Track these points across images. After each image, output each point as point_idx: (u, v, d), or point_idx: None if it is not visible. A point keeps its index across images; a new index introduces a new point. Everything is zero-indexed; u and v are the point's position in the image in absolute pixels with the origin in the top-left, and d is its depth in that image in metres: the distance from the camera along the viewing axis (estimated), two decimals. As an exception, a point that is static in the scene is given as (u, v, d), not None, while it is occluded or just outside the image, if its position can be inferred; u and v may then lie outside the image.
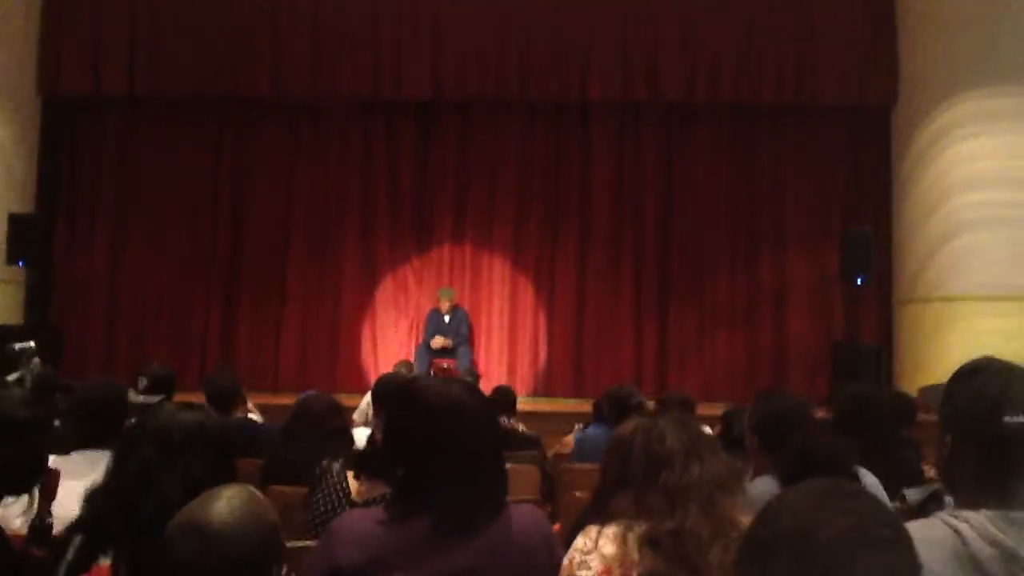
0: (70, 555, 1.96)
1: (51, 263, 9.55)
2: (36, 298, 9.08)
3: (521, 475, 4.25)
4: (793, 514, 1.06)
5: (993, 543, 1.47)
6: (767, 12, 9.47)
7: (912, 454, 3.62)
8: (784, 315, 9.86)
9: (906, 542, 1.05)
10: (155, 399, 4.31)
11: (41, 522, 2.23)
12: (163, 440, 1.95)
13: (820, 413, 3.67)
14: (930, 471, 3.22)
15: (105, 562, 1.88)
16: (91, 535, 1.96)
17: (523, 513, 1.95)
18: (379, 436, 3.02)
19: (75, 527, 2.03)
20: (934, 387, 6.59)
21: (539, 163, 10.11)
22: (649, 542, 1.77)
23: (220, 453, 2.01)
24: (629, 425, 2.03)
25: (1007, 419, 1.52)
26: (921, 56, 9.05)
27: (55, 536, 2.26)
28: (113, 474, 2.03)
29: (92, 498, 2.05)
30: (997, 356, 1.68)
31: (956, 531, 1.50)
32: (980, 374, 1.61)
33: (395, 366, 7.78)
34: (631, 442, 1.95)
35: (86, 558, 1.92)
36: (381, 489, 2.63)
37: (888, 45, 9.42)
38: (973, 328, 8.18)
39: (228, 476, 2.00)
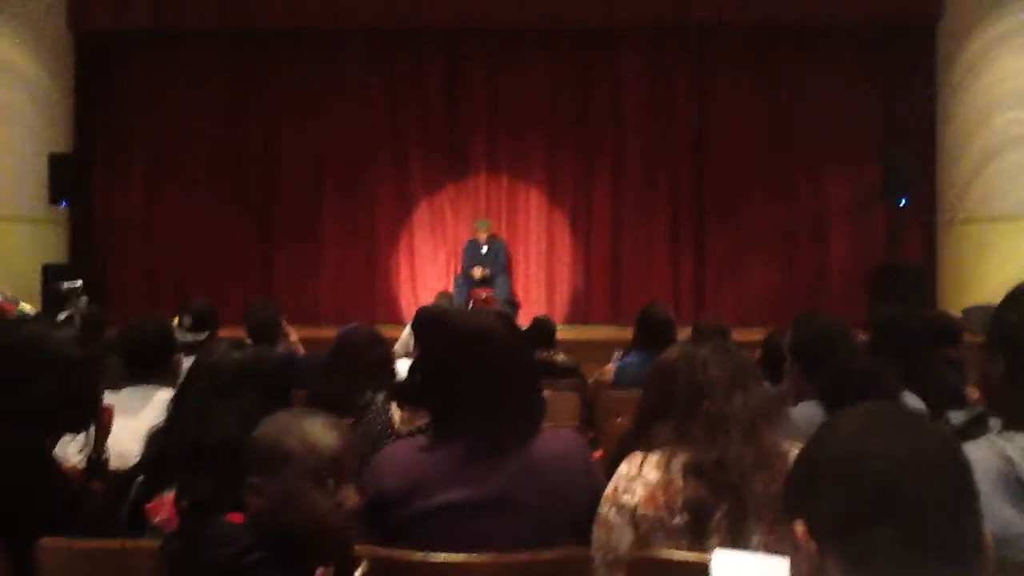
0: (133, 491, 2.03)
1: (91, 202, 9.64)
2: (79, 237, 9.20)
3: (562, 402, 4.29)
4: (843, 439, 1.04)
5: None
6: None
7: (955, 376, 3.58)
8: (823, 237, 9.75)
9: (960, 467, 1.02)
10: (202, 335, 4.38)
11: (98, 457, 2.30)
12: (216, 378, 2.01)
13: (860, 335, 3.62)
14: (974, 393, 3.19)
15: (169, 494, 1.95)
16: (153, 473, 2.03)
17: (560, 437, 2.01)
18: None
19: (139, 466, 2.10)
20: (979, 308, 6.50)
21: (569, 90, 9.97)
22: (694, 470, 1.78)
23: (273, 387, 2.07)
24: (673, 352, 2.03)
25: None
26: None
27: (112, 470, 2.34)
28: (172, 414, 2.09)
29: (154, 438, 2.12)
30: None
31: (1003, 452, 1.50)
32: None
33: (436, 297, 7.83)
34: (674, 370, 1.96)
35: (148, 492, 1.99)
36: (424, 419, 2.68)
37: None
38: (1018, 249, 8.03)
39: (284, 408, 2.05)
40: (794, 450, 1.79)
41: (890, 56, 9.66)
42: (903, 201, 8.53)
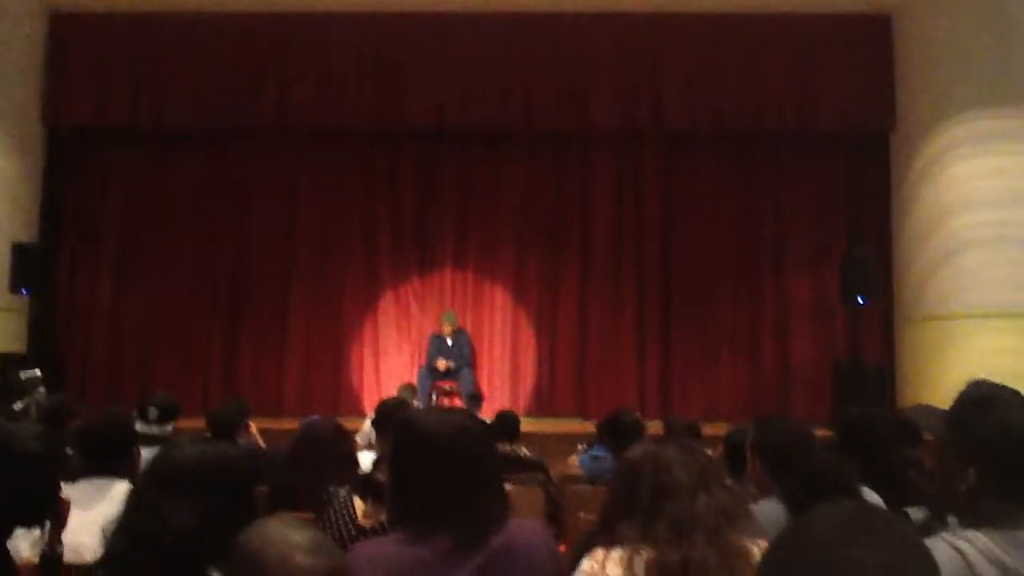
0: None
1: (54, 292, 9.57)
2: (39, 327, 9.10)
3: (526, 497, 4.26)
4: (816, 544, 1.02)
5: (996, 563, 1.48)
6: (768, 42, 9.56)
7: (916, 474, 3.62)
8: (787, 337, 9.87)
9: (933, 574, 1.02)
10: (167, 428, 4.33)
11: (52, 551, 2.25)
12: (174, 473, 1.98)
13: (822, 432, 3.66)
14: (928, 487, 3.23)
15: None
16: (116, 570, 1.98)
17: (527, 528, 2.03)
18: (384, 460, 3.05)
19: (99, 564, 2.05)
20: (923, 406, 6.59)
21: (541, 189, 10.17)
22: (657, 570, 1.78)
23: (233, 484, 2.03)
24: (637, 451, 2.03)
25: None
26: (916, 81, 9.16)
27: (66, 564, 2.28)
28: (128, 512, 2.05)
29: (114, 536, 2.08)
30: (999, 374, 1.69)
31: (959, 551, 1.52)
32: (994, 405, 1.60)
33: (399, 389, 7.81)
34: (639, 470, 1.96)
35: None
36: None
37: (885, 73, 9.54)
38: (975, 346, 8.20)
39: (245, 507, 2.04)
40: (756, 549, 1.80)
41: (850, 162, 10.01)
42: (862, 301, 8.70)
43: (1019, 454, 1.55)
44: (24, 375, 4.28)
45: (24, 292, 8.73)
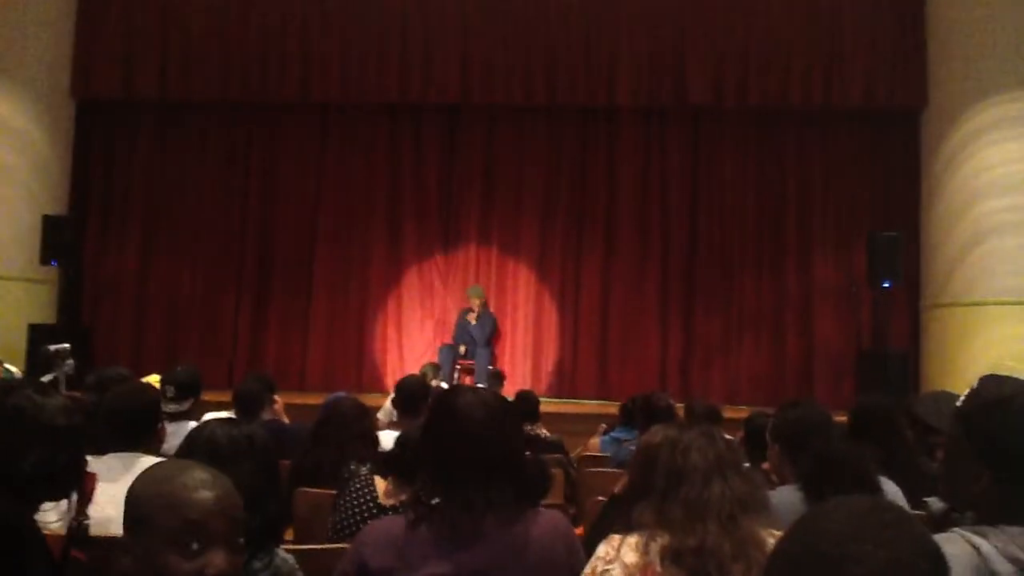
0: None
1: (82, 264, 9.69)
2: (68, 298, 9.22)
3: (545, 478, 4.27)
4: (828, 537, 1.03)
5: (1013, 560, 1.48)
6: (794, 16, 9.43)
7: (933, 463, 3.60)
8: (810, 319, 9.80)
9: (943, 574, 1.02)
10: (185, 405, 4.39)
11: (79, 525, 2.30)
12: (212, 451, 2.04)
13: (843, 418, 3.65)
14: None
15: None
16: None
17: (546, 518, 2.03)
18: (408, 438, 3.08)
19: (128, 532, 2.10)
20: (933, 394, 6.53)
21: (565, 165, 10.14)
22: (672, 555, 1.79)
23: (265, 463, 2.10)
24: (657, 434, 2.03)
25: None
26: (951, 60, 8.96)
27: (92, 538, 2.33)
28: None
29: None
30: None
31: (975, 547, 1.51)
32: (1013, 405, 1.57)
33: (421, 368, 7.86)
34: (656, 452, 1.97)
35: None
36: (408, 491, 2.69)
37: (917, 49, 9.35)
38: (1000, 333, 8.12)
39: (273, 483, 2.12)
40: (771, 540, 1.80)
41: (879, 142, 9.87)
42: (888, 284, 8.62)
43: None
44: (53, 348, 4.34)
45: (54, 263, 8.84)
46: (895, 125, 9.76)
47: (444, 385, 7.07)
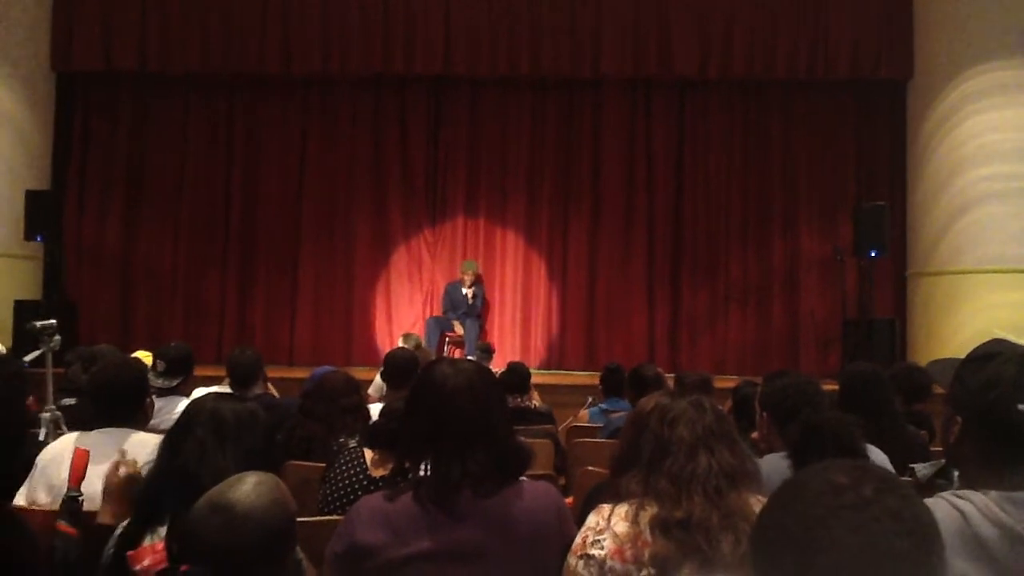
0: (115, 539, 2.03)
1: (64, 239, 9.59)
2: (54, 274, 9.16)
3: (535, 449, 4.28)
4: (802, 519, 1.02)
5: (997, 523, 1.49)
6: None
7: (919, 430, 3.64)
8: (797, 289, 9.86)
9: (926, 549, 1.00)
10: (175, 382, 4.37)
11: (72, 501, 2.29)
12: (217, 424, 2.05)
13: (830, 386, 3.68)
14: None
15: (159, 542, 1.95)
16: (143, 514, 2.04)
17: (535, 489, 2.03)
18: (391, 409, 3.09)
19: (134, 504, 2.13)
20: (943, 360, 6.57)
21: (550, 137, 10.10)
22: (661, 526, 1.79)
23: (267, 436, 2.12)
24: (649, 403, 2.02)
25: (1021, 407, 1.53)
26: (936, 30, 8.97)
27: (85, 513, 2.33)
28: (168, 456, 2.10)
29: (151, 476, 2.14)
30: (1012, 329, 1.69)
31: (960, 511, 1.52)
32: (994, 359, 1.60)
33: (401, 339, 7.75)
34: (645, 422, 1.97)
35: (134, 536, 2.00)
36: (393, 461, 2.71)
37: (903, 19, 9.34)
38: (986, 301, 8.18)
39: (273, 456, 2.20)
40: (759, 507, 1.81)
41: (865, 112, 9.88)
42: (874, 254, 8.65)
43: (1000, 407, 1.55)
44: (39, 324, 4.30)
45: (39, 239, 8.76)
46: (881, 95, 9.77)
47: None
